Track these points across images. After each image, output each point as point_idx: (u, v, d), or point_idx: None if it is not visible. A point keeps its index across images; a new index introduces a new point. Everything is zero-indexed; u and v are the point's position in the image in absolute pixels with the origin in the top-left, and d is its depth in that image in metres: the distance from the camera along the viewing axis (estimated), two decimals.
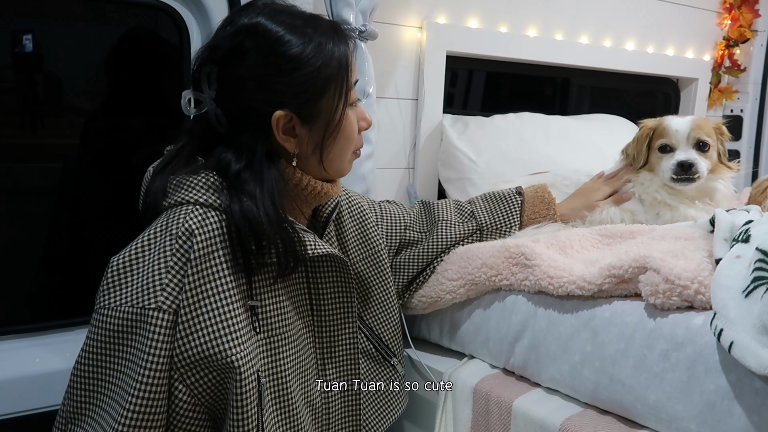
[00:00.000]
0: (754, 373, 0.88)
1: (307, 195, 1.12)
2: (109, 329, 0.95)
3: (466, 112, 2.25)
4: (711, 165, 1.51)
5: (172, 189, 1.01)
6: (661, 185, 1.53)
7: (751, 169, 2.92)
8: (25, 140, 1.55)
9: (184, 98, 1.01)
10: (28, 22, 1.48)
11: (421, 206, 1.51)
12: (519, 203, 1.50)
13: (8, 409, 1.37)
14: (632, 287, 1.14)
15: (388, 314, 1.32)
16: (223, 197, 0.99)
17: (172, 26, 1.58)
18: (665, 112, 1.69)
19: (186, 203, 0.99)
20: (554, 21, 2.31)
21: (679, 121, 1.52)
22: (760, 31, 2.83)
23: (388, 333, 1.32)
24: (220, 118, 1.02)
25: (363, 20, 1.65)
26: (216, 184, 1.00)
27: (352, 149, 1.14)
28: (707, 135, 1.51)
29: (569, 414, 1.14)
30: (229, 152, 1.02)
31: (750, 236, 1.02)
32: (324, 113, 1.05)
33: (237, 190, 0.99)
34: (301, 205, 1.14)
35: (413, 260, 1.43)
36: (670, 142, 1.51)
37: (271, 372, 1.03)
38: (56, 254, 1.58)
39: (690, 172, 1.47)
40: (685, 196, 1.52)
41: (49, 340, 1.49)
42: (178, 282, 0.94)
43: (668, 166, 1.49)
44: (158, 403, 0.93)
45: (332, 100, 1.05)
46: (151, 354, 0.92)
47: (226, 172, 1.01)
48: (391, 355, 1.32)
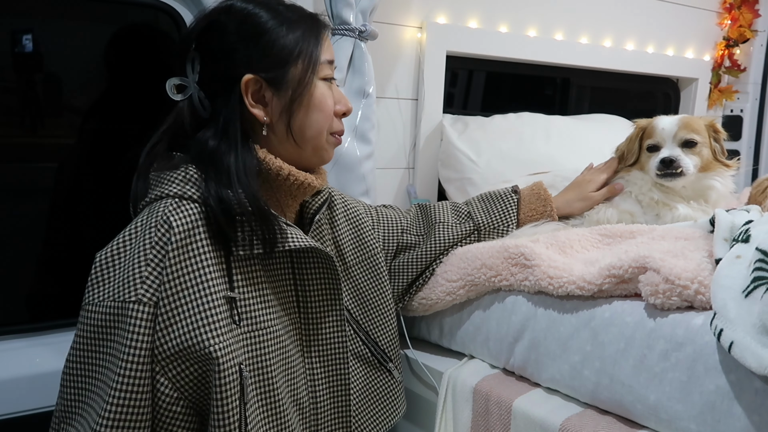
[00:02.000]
0: (754, 373, 0.88)
1: (289, 186, 1.11)
2: (93, 325, 0.96)
3: (466, 112, 2.25)
4: (701, 162, 1.52)
5: (153, 185, 1.03)
6: (654, 184, 1.54)
7: (752, 166, 2.92)
8: (25, 140, 1.55)
9: (169, 84, 1.05)
10: (28, 22, 1.48)
11: (418, 209, 1.51)
12: (515, 201, 1.50)
13: (8, 409, 1.37)
14: (632, 287, 1.14)
15: (385, 319, 1.32)
16: (202, 188, 1.00)
17: (172, 26, 1.59)
18: (665, 112, 1.69)
19: (165, 197, 1.00)
20: (554, 21, 2.31)
21: (666, 121, 1.55)
22: (760, 31, 2.83)
23: (385, 338, 1.31)
24: (203, 101, 1.06)
25: (363, 20, 1.65)
26: (194, 177, 1.02)
27: (326, 126, 1.13)
28: (694, 132, 1.52)
29: (569, 414, 1.14)
30: (207, 132, 1.05)
31: (750, 236, 1.02)
32: (292, 81, 1.07)
33: (214, 171, 1.01)
34: (284, 199, 1.14)
35: (411, 263, 1.43)
36: (656, 141, 1.54)
37: (255, 366, 1.03)
38: (55, 254, 1.58)
39: (672, 167, 1.49)
40: (678, 194, 1.52)
41: (49, 340, 1.49)
42: (158, 274, 0.95)
43: (654, 163, 1.52)
44: (141, 397, 0.93)
45: (300, 70, 1.07)
46: (132, 347, 0.92)
47: (204, 150, 1.03)
48: (388, 360, 1.31)
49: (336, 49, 1.64)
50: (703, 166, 1.53)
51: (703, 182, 1.53)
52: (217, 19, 1.07)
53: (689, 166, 1.49)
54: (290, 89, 1.07)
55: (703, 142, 1.52)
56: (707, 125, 1.55)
